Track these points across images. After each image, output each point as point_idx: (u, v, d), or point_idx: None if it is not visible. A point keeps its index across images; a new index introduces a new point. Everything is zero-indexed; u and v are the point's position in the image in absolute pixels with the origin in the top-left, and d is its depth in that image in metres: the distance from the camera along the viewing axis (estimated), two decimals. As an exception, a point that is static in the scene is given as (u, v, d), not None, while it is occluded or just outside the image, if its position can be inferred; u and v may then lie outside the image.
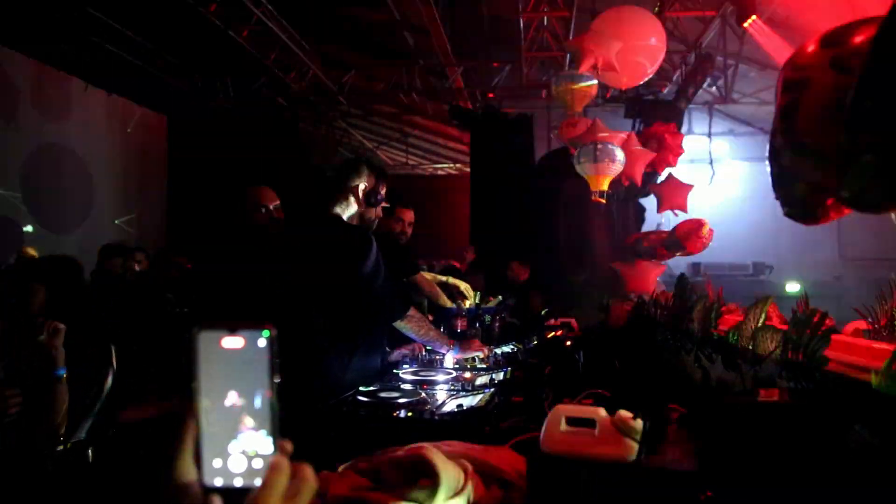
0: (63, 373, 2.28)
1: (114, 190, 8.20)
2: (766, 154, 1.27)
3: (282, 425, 0.60)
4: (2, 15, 6.00)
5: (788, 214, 1.26)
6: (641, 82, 5.00)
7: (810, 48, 1.19)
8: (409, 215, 3.79)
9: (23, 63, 6.82)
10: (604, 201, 4.61)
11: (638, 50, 4.59)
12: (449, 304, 3.38)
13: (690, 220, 4.55)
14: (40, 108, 7.09)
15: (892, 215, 1.12)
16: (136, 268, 4.61)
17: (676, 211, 5.16)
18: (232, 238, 3.09)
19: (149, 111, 8.87)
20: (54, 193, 7.25)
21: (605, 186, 4.46)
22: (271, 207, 3.06)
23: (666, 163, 5.22)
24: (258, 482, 0.58)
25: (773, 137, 1.24)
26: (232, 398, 0.59)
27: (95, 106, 7.89)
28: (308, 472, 0.60)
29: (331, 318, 2.47)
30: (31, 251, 5.67)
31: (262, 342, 0.60)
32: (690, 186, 5.22)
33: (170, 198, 9.11)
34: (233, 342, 0.60)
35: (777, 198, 1.26)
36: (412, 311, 2.62)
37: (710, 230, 4.42)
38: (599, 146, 4.35)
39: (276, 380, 0.60)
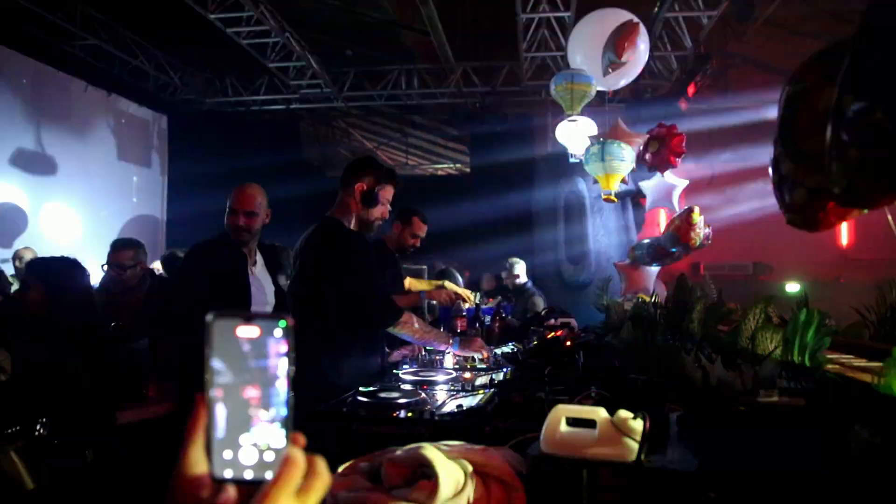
0: None
1: (113, 189, 8.20)
2: (768, 158, 1.28)
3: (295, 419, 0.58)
4: (2, 15, 6.01)
5: (790, 222, 1.26)
6: (623, 85, 5.00)
7: (809, 63, 1.20)
8: (424, 230, 3.82)
9: (23, 63, 6.82)
10: (616, 200, 4.62)
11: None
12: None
13: (680, 212, 4.57)
14: (41, 108, 7.10)
15: (889, 218, 1.13)
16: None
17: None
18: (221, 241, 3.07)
19: (149, 111, 8.88)
20: (56, 192, 7.25)
21: (615, 186, 4.47)
22: (248, 210, 2.99)
23: (667, 163, 5.22)
24: (269, 475, 0.57)
25: (774, 147, 1.25)
26: (245, 389, 0.58)
27: (95, 106, 7.90)
28: (322, 465, 0.59)
29: (320, 320, 2.47)
30: (27, 251, 5.65)
31: (278, 332, 0.58)
32: (686, 183, 5.22)
33: (169, 197, 9.12)
34: (248, 331, 0.58)
35: (780, 207, 1.27)
36: (405, 317, 2.59)
37: (708, 226, 4.41)
38: (623, 146, 4.36)
39: (292, 371, 0.58)
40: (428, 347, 2.86)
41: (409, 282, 3.92)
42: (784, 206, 1.26)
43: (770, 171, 1.28)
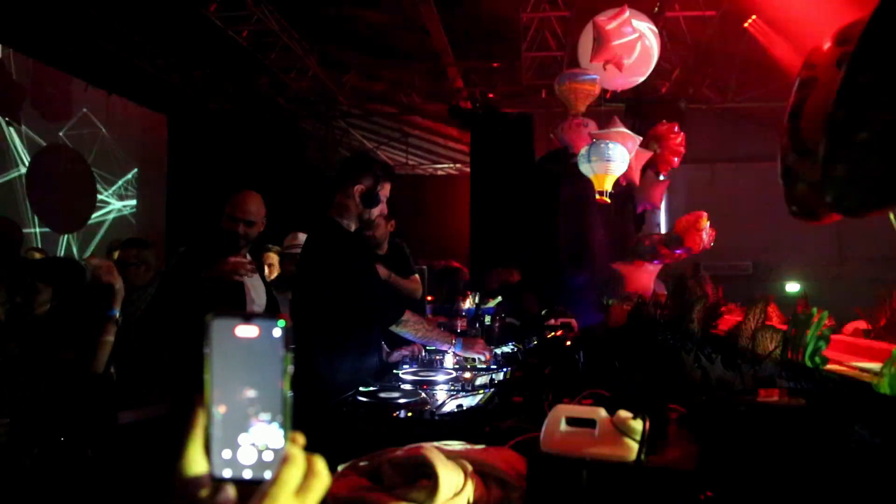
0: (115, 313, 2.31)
1: (114, 190, 8.20)
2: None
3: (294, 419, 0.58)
4: (2, 15, 6.00)
5: (793, 213, 1.26)
6: (634, 85, 4.99)
7: (825, 45, 1.19)
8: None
9: (24, 63, 6.82)
10: (608, 201, 4.62)
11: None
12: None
13: (689, 214, 4.57)
14: (41, 109, 7.10)
15: (891, 216, 1.13)
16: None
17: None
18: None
19: (149, 111, 8.87)
20: (57, 193, 7.26)
21: (608, 186, 4.47)
22: (248, 219, 3.01)
23: (668, 163, 5.22)
24: (268, 475, 0.57)
25: (781, 137, 1.25)
26: (244, 388, 0.58)
27: (95, 106, 7.89)
28: (321, 465, 0.59)
29: (322, 321, 2.47)
30: (36, 253, 5.65)
31: (276, 332, 0.58)
32: (665, 182, 5.23)
33: (169, 198, 9.12)
34: (247, 331, 0.58)
35: (785, 198, 1.26)
36: (407, 315, 2.59)
37: (712, 231, 4.43)
38: (611, 146, 4.35)
39: (290, 371, 0.58)
40: (429, 347, 2.85)
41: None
42: (787, 198, 1.25)
43: (779, 160, 1.27)
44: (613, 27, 4.22)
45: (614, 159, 4.35)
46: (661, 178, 5.43)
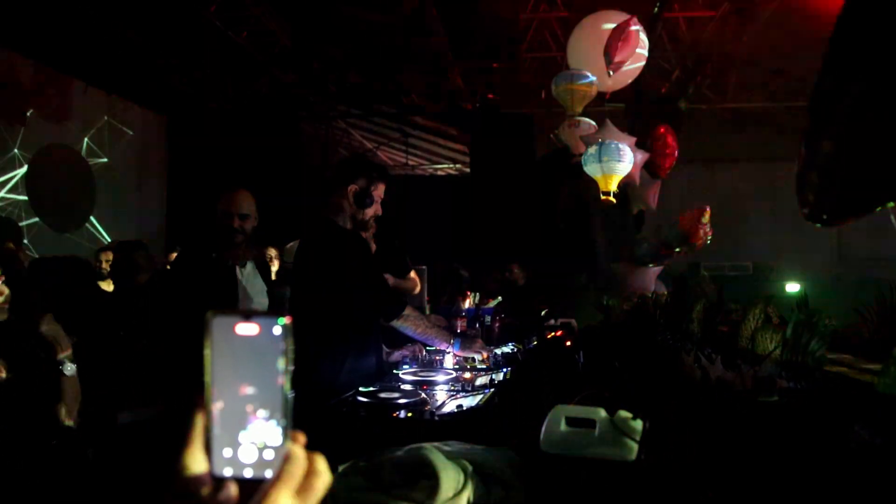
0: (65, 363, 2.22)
1: (114, 190, 8.20)
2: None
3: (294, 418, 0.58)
4: (3, 16, 6.00)
5: (805, 217, 1.28)
6: (622, 87, 5.00)
7: None
8: None
9: (23, 64, 6.82)
10: (614, 201, 4.62)
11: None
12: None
13: (691, 210, 4.61)
14: (41, 109, 7.09)
15: (892, 217, 1.13)
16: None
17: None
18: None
19: (149, 111, 8.87)
20: (57, 193, 7.25)
21: (613, 187, 4.47)
22: (241, 212, 3.02)
23: (659, 165, 5.23)
24: (269, 474, 0.57)
25: (800, 144, 1.27)
26: (244, 387, 0.58)
27: (95, 106, 7.89)
28: (322, 464, 0.59)
29: (319, 321, 2.47)
30: (10, 245, 5.43)
31: (277, 330, 0.58)
32: (658, 182, 5.25)
33: (170, 198, 9.11)
34: (247, 329, 0.58)
35: (798, 202, 1.28)
36: (408, 311, 2.60)
37: (710, 228, 4.45)
38: (621, 146, 4.36)
39: (291, 370, 0.58)
40: (428, 346, 2.86)
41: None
42: (799, 202, 1.27)
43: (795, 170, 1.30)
44: (633, 30, 4.26)
45: (623, 160, 4.36)
46: (660, 179, 5.44)
